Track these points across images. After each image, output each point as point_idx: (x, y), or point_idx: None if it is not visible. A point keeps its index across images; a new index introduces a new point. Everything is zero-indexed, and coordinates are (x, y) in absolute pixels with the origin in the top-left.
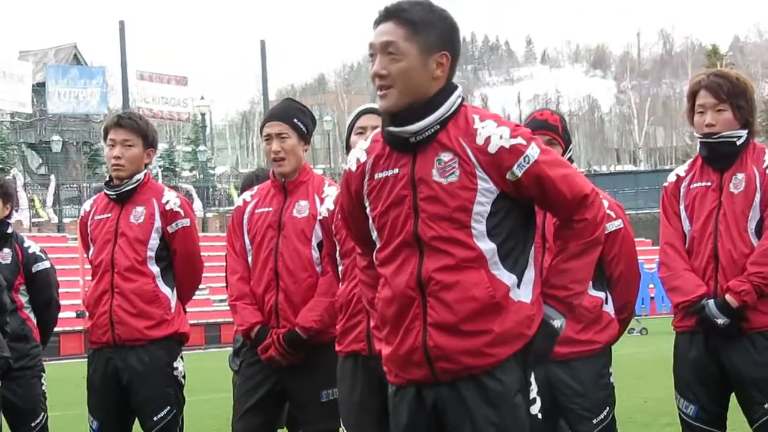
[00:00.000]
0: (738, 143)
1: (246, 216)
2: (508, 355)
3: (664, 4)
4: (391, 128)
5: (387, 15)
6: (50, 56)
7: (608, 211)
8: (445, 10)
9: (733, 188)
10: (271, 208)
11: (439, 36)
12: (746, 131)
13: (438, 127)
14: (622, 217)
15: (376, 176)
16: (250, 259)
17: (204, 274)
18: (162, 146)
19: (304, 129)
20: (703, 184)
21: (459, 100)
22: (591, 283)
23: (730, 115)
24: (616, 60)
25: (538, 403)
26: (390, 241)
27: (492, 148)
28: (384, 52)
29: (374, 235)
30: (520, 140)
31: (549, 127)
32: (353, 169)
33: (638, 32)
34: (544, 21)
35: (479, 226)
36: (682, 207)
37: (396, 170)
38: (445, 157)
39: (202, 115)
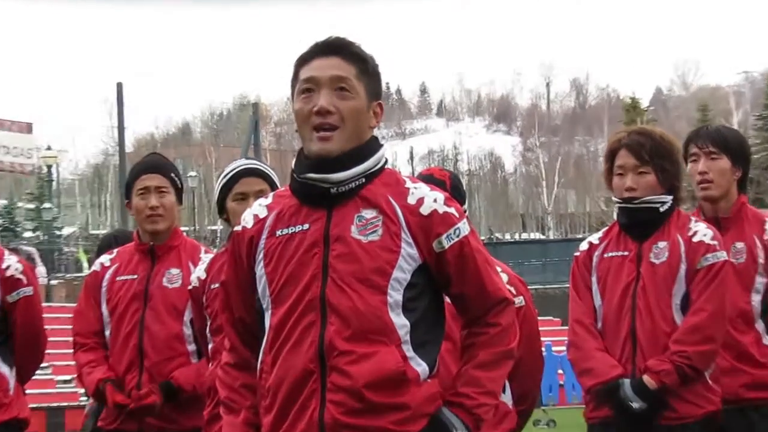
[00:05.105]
0: (661, 210)
1: (105, 283)
2: None
3: (577, 50)
4: (312, 175)
5: (333, 49)
6: None
7: (508, 287)
8: None
9: (654, 258)
10: (135, 276)
11: (378, 82)
12: (671, 197)
13: (363, 180)
14: (523, 294)
15: (278, 233)
16: (108, 332)
17: (47, 351)
18: (1, 202)
19: (180, 186)
20: (619, 253)
21: (385, 158)
22: None
23: (653, 179)
24: (522, 113)
25: None
26: (288, 306)
27: (425, 210)
28: (332, 87)
29: (265, 302)
30: (453, 211)
31: (434, 182)
32: (248, 226)
33: (548, 82)
34: (441, 67)
35: (396, 295)
36: (594, 279)
37: (306, 226)
38: (368, 214)
39: (48, 167)
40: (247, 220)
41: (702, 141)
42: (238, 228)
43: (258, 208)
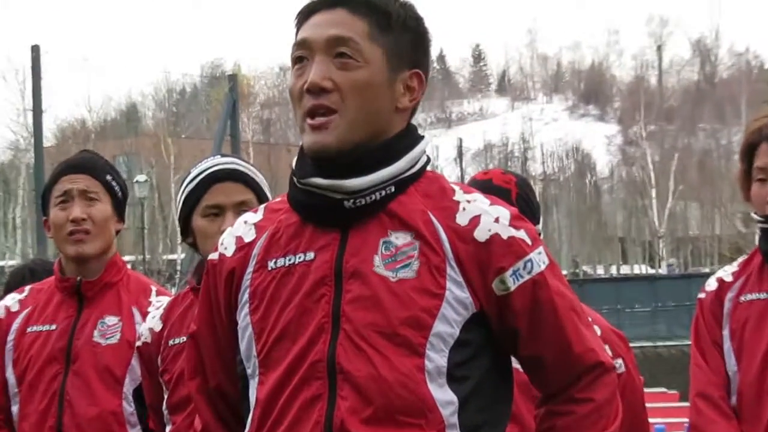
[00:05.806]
0: None
1: (12, 336)
2: None
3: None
4: (318, 180)
5: None
6: None
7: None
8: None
9: None
10: (54, 326)
11: (413, 44)
12: None
13: (392, 189)
14: (623, 355)
15: (270, 265)
16: (15, 408)
17: None
18: None
19: (120, 195)
20: (763, 296)
21: (425, 157)
22: None
23: None
24: (621, 90)
25: None
26: (283, 371)
27: (481, 234)
28: (329, 53)
29: (251, 365)
30: (523, 234)
31: (494, 191)
32: (228, 253)
33: (659, 45)
34: (503, 25)
35: (437, 358)
36: (726, 333)
37: (310, 254)
38: (398, 239)
39: None
40: (226, 244)
41: None
42: (213, 256)
43: (242, 227)
